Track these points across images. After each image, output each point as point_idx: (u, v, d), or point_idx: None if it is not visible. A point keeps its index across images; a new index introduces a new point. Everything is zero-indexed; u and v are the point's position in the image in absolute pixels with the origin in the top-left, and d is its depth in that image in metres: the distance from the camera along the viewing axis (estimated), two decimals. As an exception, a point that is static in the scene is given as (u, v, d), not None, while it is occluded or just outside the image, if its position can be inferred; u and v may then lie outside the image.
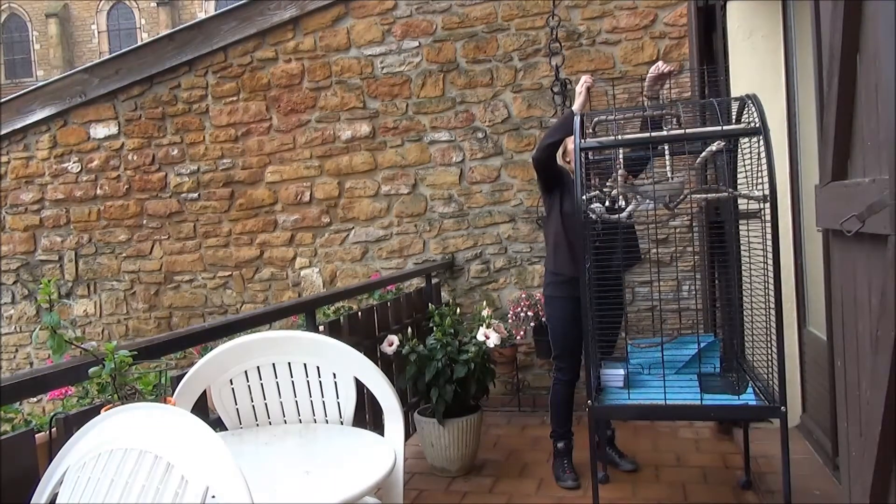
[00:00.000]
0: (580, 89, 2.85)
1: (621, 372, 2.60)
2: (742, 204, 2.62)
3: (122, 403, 1.44)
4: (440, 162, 4.47)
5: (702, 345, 2.66)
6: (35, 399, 3.49)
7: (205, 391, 2.05)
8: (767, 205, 2.26)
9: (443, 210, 4.48)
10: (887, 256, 1.24)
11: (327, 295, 3.68)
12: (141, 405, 1.39)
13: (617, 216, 2.50)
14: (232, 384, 2.11)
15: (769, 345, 2.33)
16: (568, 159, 3.02)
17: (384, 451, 1.87)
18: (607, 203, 2.51)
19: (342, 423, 2.12)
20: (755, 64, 3.38)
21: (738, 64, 3.36)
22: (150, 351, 1.84)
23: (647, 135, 2.44)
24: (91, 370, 1.51)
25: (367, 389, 2.15)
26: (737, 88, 3.21)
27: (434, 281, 4.20)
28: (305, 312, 2.85)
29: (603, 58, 4.14)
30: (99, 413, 1.39)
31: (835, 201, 1.54)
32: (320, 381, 2.14)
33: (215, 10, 12.98)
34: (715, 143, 2.38)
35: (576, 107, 2.83)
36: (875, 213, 1.27)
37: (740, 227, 2.70)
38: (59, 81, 5.28)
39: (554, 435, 3.13)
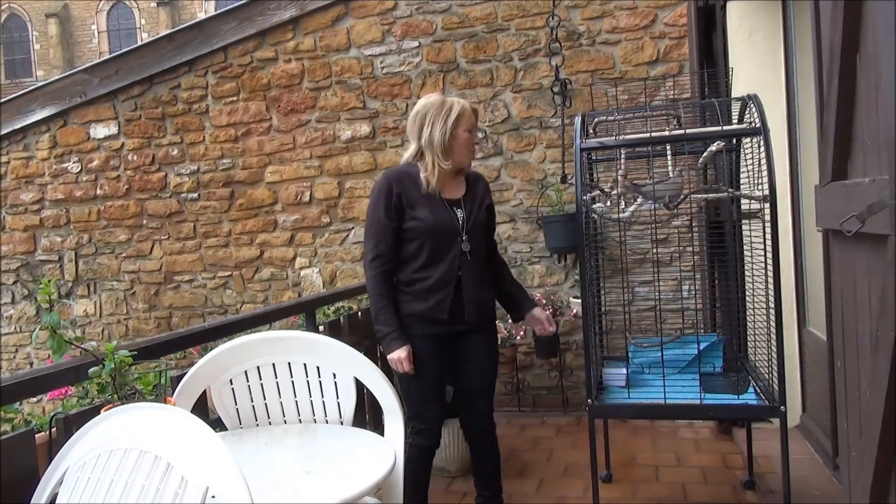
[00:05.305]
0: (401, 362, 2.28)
1: (623, 371, 2.60)
2: (744, 204, 2.62)
3: (122, 403, 1.44)
4: (440, 162, 4.47)
5: (706, 344, 2.66)
6: (35, 399, 3.48)
7: (205, 391, 2.05)
8: (767, 205, 2.26)
9: (443, 210, 4.48)
10: (887, 256, 1.24)
11: (327, 295, 3.68)
12: (141, 405, 1.39)
13: (618, 216, 2.50)
14: (232, 384, 2.11)
15: (769, 345, 2.33)
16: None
17: (384, 451, 1.87)
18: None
19: (342, 424, 2.12)
20: (755, 64, 3.38)
21: (739, 64, 3.36)
22: (150, 351, 1.85)
23: (648, 135, 2.44)
24: (91, 370, 1.51)
25: (367, 389, 2.15)
26: (737, 89, 3.21)
27: (434, 281, 4.19)
28: (305, 312, 2.86)
29: (603, 58, 4.14)
30: (99, 413, 1.39)
31: (835, 201, 1.54)
32: (320, 381, 2.14)
33: (215, 10, 12.95)
34: (715, 144, 2.37)
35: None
36: (875, 213, 1.27)
37: (742, 227, 2.70)
38: (59, 81, 5.28)
39: None
